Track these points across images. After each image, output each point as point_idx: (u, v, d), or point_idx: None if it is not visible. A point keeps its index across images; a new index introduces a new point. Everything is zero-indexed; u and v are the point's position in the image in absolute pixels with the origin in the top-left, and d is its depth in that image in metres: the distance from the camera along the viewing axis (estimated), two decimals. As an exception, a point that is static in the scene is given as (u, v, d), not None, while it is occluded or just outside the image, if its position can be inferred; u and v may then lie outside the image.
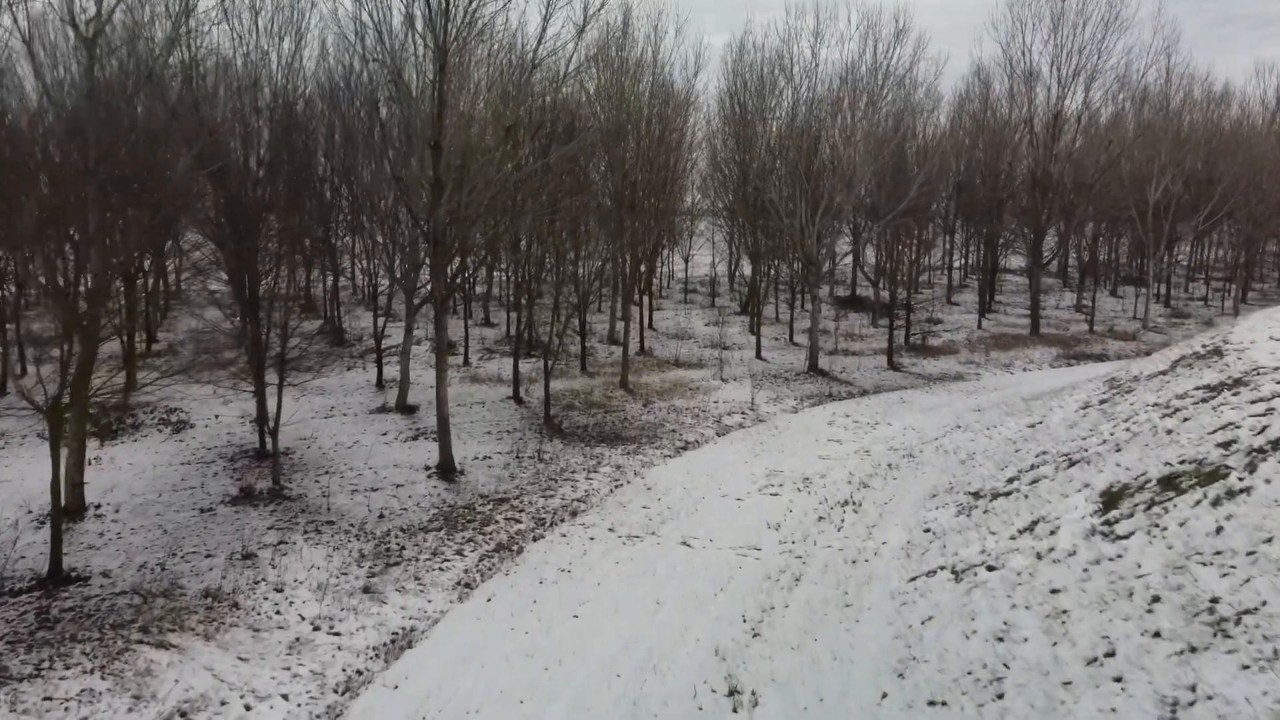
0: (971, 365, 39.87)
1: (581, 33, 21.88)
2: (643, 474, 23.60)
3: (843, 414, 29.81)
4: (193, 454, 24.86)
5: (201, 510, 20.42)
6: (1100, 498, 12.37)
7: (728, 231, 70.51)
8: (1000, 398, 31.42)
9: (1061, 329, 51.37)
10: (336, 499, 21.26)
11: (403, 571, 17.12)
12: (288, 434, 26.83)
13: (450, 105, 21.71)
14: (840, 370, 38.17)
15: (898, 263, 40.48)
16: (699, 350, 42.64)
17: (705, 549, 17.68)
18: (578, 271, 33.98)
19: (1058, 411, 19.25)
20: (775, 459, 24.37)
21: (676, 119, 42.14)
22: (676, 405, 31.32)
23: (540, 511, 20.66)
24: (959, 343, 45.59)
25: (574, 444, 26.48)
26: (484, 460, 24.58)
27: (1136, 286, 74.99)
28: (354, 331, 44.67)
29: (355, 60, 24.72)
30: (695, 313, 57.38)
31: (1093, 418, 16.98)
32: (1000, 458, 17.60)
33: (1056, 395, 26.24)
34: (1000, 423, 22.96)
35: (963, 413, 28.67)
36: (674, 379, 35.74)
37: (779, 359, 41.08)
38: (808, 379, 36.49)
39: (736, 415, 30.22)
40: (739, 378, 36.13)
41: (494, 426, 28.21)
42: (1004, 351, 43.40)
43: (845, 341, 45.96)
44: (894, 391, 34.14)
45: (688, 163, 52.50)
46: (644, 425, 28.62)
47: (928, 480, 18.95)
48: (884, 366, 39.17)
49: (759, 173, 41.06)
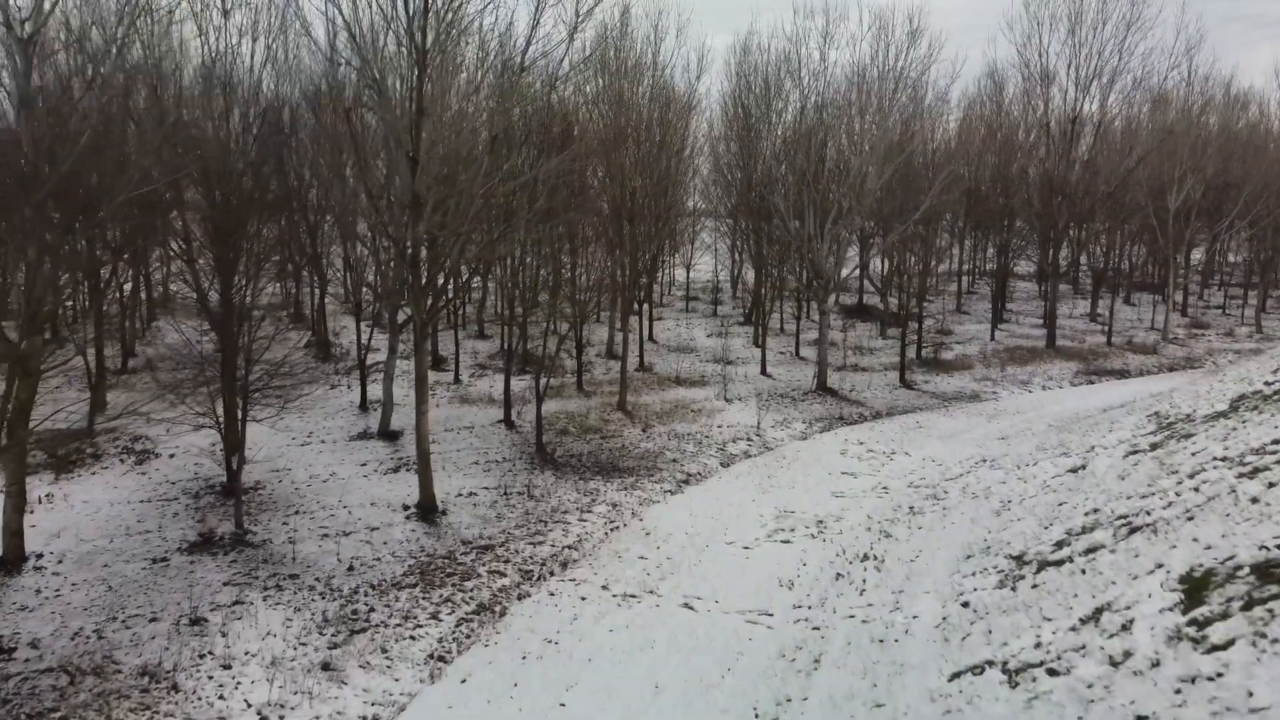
0: (988, 383, 37.93)
1: (573, 34, 19.99)
2: (641, 514, 21.66)
3: (855, 441, 27.88)
4: (154, 489, 22.95)
5: (154, 560, 18.50)
6: (1179, 584, 10.45)
7: (730, 237, 68.69)
8: (1024, 422, 29.48)
9: (1077, 341, 49.42)
10: (304, 546, 19.34)
11: (369, 641, 15.18)
12: (260, 464, 24.95)
13: (430, 114, 19.78)
14: (850, 389, 36.23)
15: (910, 274, 38.51)
16: (701, 365, 40.73)
17: (710, 612, 15.75)
18: (575, 286, 32.08)
19: (1102, 456, 17.35)
20: (785, 496, 22.43)
21: (678, 122, 40.21)
22: (678, 430, 29.39)
23: (527, 562, 18.73)
24: (973, 357, 43.64)
25: (567, 476, 24.56)
26: (469, 497, 22.65)
27: (1149, 293, 73.21)
28: (342, 345, 42.76)
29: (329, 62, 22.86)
30: (697, 323, 55.45)
31: (1147, 468, 15.08)
32: (1042, 511, 15.67)
33: (1092, 427, 24.30)
34: (1032, 459, 21.04)
35: (986, 441, 26.73)
36: (675, 399, 33.81)
37: (785, 375, 39.15)
38: (816, 399, 34.56)
39: (742, 442, 28.29)
40: (743, 398, 34.19)
41: (482, 455, 26.28)
42: (1020, 367, 41.46)
43: (854, 355, 44.04)
44: (908, 414, 32.21)
45: (689, 168, 50.62)
46: (643, 454, 26.69)
47: (958, 533, 17.01)
48: (896, 384, 37.23)
49: (763, 180, 39.15)
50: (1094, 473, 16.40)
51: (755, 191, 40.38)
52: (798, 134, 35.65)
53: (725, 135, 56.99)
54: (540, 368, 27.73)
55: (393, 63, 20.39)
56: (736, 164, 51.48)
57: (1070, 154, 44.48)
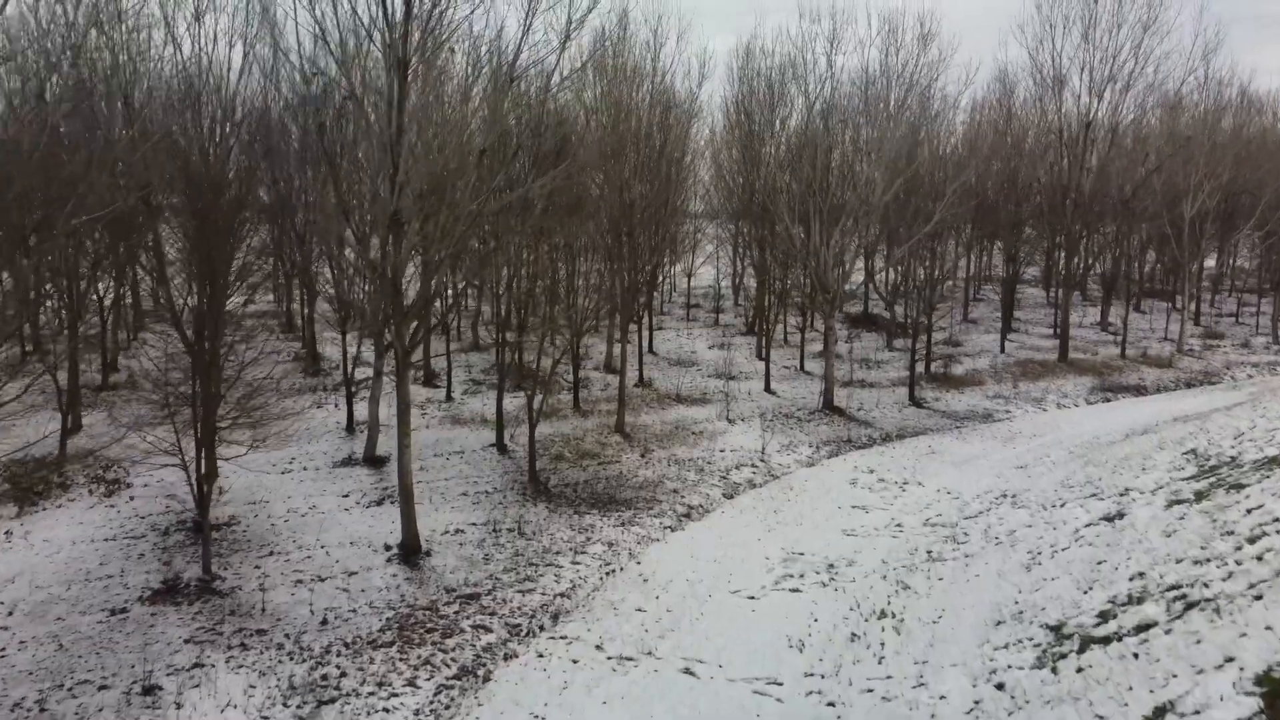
0: (1000, 400, 36.52)
1: (565, 43, 18.57)
2: (639, 555, 20.28)
3: (865, 468, 26.48)
4: (121, 525, 21.57)
5: (112, 612, 17.13)
6: (1256, 687, 9.06)
7: (732, 243, 67.23)
8: (1042, 447, 28.10)
9: (1090, 353, 47.98)
10: (275, 594, 17.96)
11: (338, 714, 13.80)
12: (237, 495, 23.59)
13: (413, 127, 18.37)
14: (858, 407, 34.83)
15: (920, 288, 37.08)
16: (703, 381, 39.32)
17: (713, 679, 14.36)
18: (571, 304, 30.67)
19: (1141, 505, 15.98)
20: (792, 534, 21.04)
21: (678, 128, 38.78)
22: (678, 456, 28.00)
23: (515, 613, 17.34)
24: (983, 371, 42.22)
25: (561, 509, 23.17)
26: (455, 535, 21.26)
27: (1158, 299, 71.73)
28: (332, 359, 41.34)
29: (301, 72, 21.45)
30: (698, 333, 54.02)
31: (1197, 526, 13.71)
32: (1079, 570, 14.29)
33: (1121, 463, 22.86)
34: (1059, 498, 19.65)
35: (1004, 470, 25.35)
36: (675, 419, 32.42)
37: (790, 392, 37.73)
38: (823, 419, 33.16)
39: (746, 469, 26.90)
40: (747, 418, 32.79)
41: (472, 485, 24.89)
42: (1033, 382, 40.05)
43: (860, 370, 42.62)
44: (919, 436, 30.81)
45: (690, 175, 49.19)
46: (641, 483, 25.30)
47: (985, 590, 15.61)
48: (905, 402, 35.82)
49: (767, 188, 37.73)
50: (1134, 525, 15.01)
51: (758, 200, 38.95)
52: (803, 141, 34.26)
53: (727, 140, 55.64)
54: (535, 388, 26.31)
55: (373, 73, 18.99)
56: (739, 169, 50.15)
57: (1084, 161, 43.05)
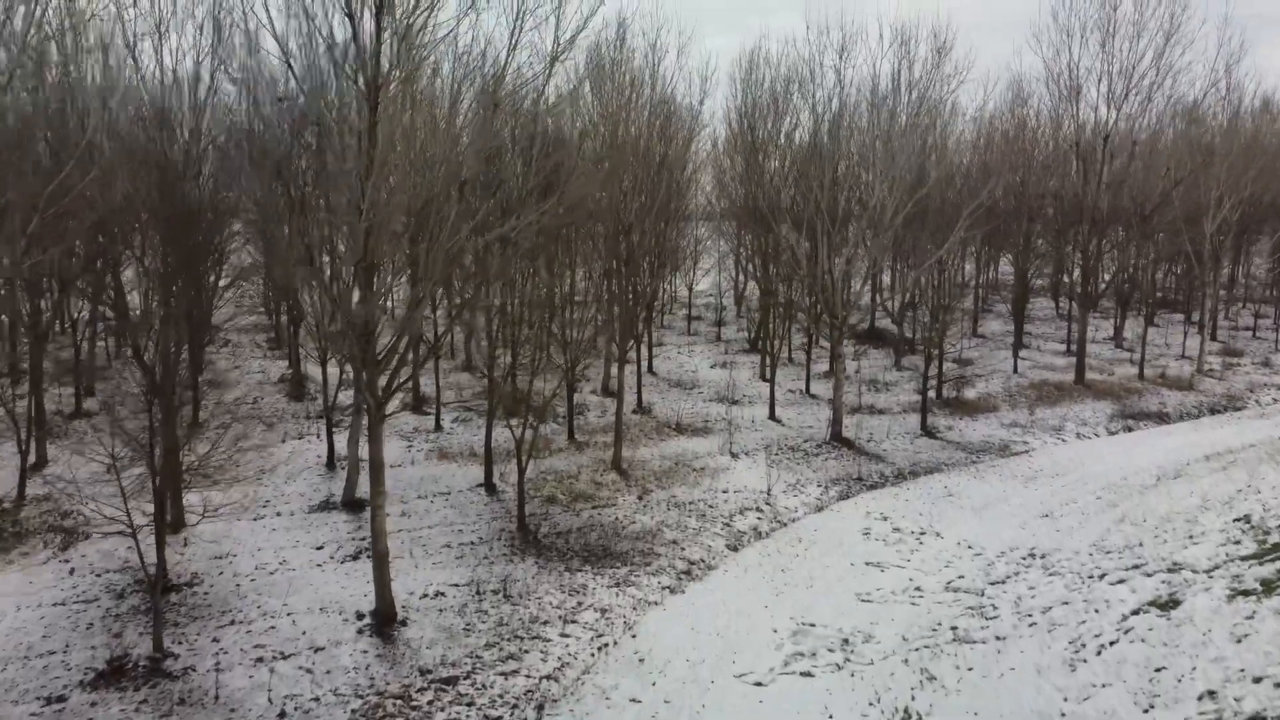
0: (1017, 430, 34.76)
1: (553, 65, 16.85)
2: (635, 625, 18.55)
3: (878, 514, 24.75)
4: (74, 586, 19.86)
5: (49, 701, 15.43)
6: None
7: (734, 253, 65.52)
8: (1066, 490, 26.37)
9: (1105, 372, 46.25)
10: (232, 675, 16.25)
11: (288, 844, 12.11)
12: (202, 548, 21.90)
13: (386, 155, 16.64)
14: (867, 438, 33.08)
15: (932, 312, 35.35)
16: (704, 407, 37.60)
17: (717, 796, 12.64)
18: (566, 340, 28.94)
19: (1198, 592, 14.26)
20: (802, 600, 19.30)
21: (678, 142, 37.05)
22: (678, 497, 26.27)
23: (496, 702, 15.62)
24: (997, 395, 40.48)
25: (551, 564, 21.44)
26: (435, 599, 19.53)
27: (1172, 311, 69.94)
28: (320, 379, 39.63)
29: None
30: (699, 349, 52.34)
31: (1272, 630, 11.99)
32: (1134, 678, 12.58)
33: (1163, 524, 21.08)
34: (1095, 566, 17.92)
35: (1029, 520, 23.61)
36: (676, 453, 30.69)
37: (796, 419, 36.00)
38: (831, 452, 31.41)
39: (751, 513, 25.17)
40: (751, 451, 31.06)
41: (456, 535, 23.16)
42: (1050, 408, 38.30)
43: (868, 393, 40.90)
44: (934, 474, 29.06)
45: (692, 187, 47.52)
46: (639, 532, 23.56)
47: (1022, 690, 13.87)
48: (916, 432, 34.07)
49: (770, 205, 36.01)
50: (1192, 619, 13.31)
51: (761, 216, 37.21)
52: (809, 157, 32.53)
53: (730, 153, 53.98)
54: (524, 427, 24.55)
55: (343, 97, 17.26)
56: (741, 180, 48.48)
57: (1101, 175, 41.30)
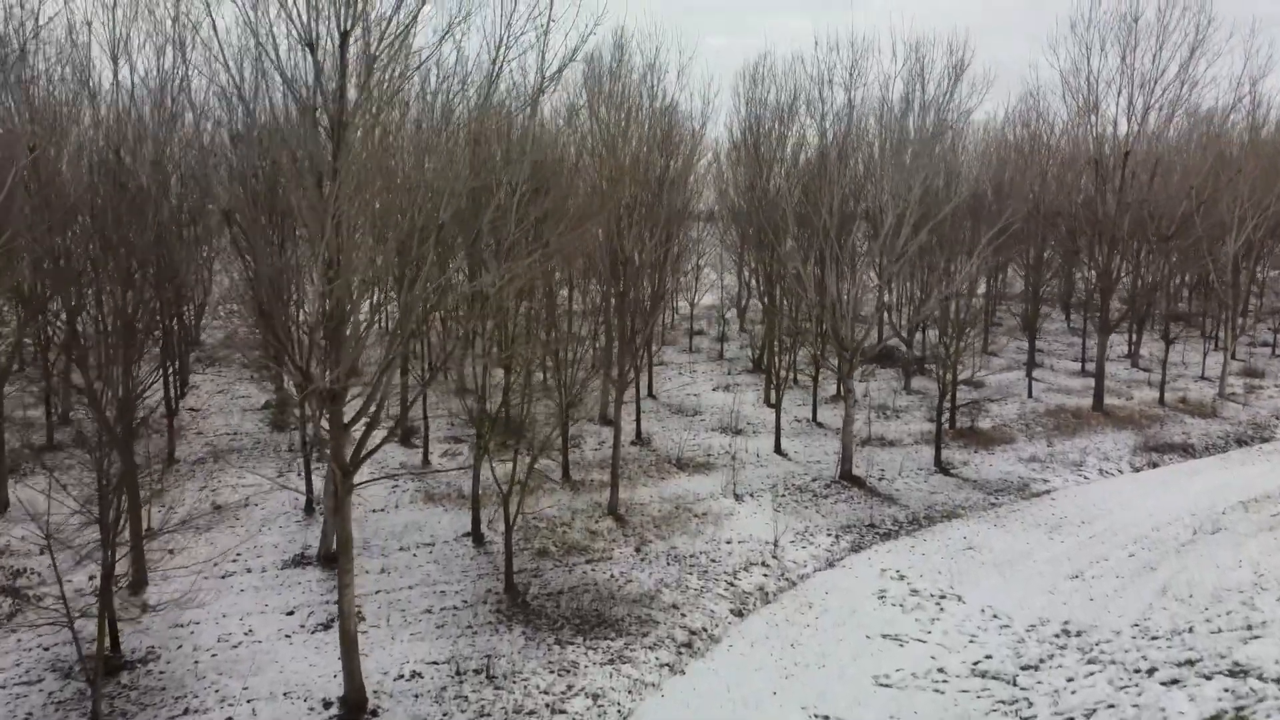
0: (1035, 465, 32.98)
1: (536, 101, 15.13)
2: (629, 713, 16.81)
3: (894, 571, 23.01)
4: (17, 662, 18.15)
5: (-33, 819, 13.75)
6: None
7: (736, 263, 63.88)
8: (1095, 543, 24.63)
9: (1124, 396, 44.49)
10: (179, 785, 14.54)
11: None
12: (163, 615, 20.17)
13: (352, 192, 14.91)
14: (879, 476, 31.34)
15: (948, 346, 33.61)
16: (706, 438, 35.88)
17: None
18: (561, 379, 27.22)
19: (1274, 713, 12.56)
20: (815, 684, 17.54)
21: (677, 158, 35.26)
22: (678, 549, 24.54)
23: (473, 821, 13.90)
24: (1012, 425, 38.73)
25: (540, 635, 19.69)
26: (411, 681, 17.80)
27: (1187, 324, 68.15)
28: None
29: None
30: (701, 369, 50.60)
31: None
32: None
33: (1214, 603, 19.32)
34: (1142, 657, 16.16)
35: (1058, 582, 21.87)
36: (676, 494, 28.95)
37: (803, 452, 34.27)
38: (841, 493, 29.65)
39: (756, 569, 23.43)
40: (756, 492, 29.32)
41: (438, 597, 21.44)
42: (1069, 438, 36.54)
43: (878, 420, 39.18)
44: (952, 520, 27.31)
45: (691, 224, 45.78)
46: (636, 595, 21.81)
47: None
48: (930, 468, 32.31)
49: (775, 228, 34.27)
50: (1270, 751, 11.62)
51: (765, 238, 35.49)
52: (818, 176, 30.78)
53: (733, 161, 52.32)
54: (513, 481, 22.80)
55: (301, 133, 15.50)
56: (743, 193, 46.79)
57: (1121, 194, 39.52)
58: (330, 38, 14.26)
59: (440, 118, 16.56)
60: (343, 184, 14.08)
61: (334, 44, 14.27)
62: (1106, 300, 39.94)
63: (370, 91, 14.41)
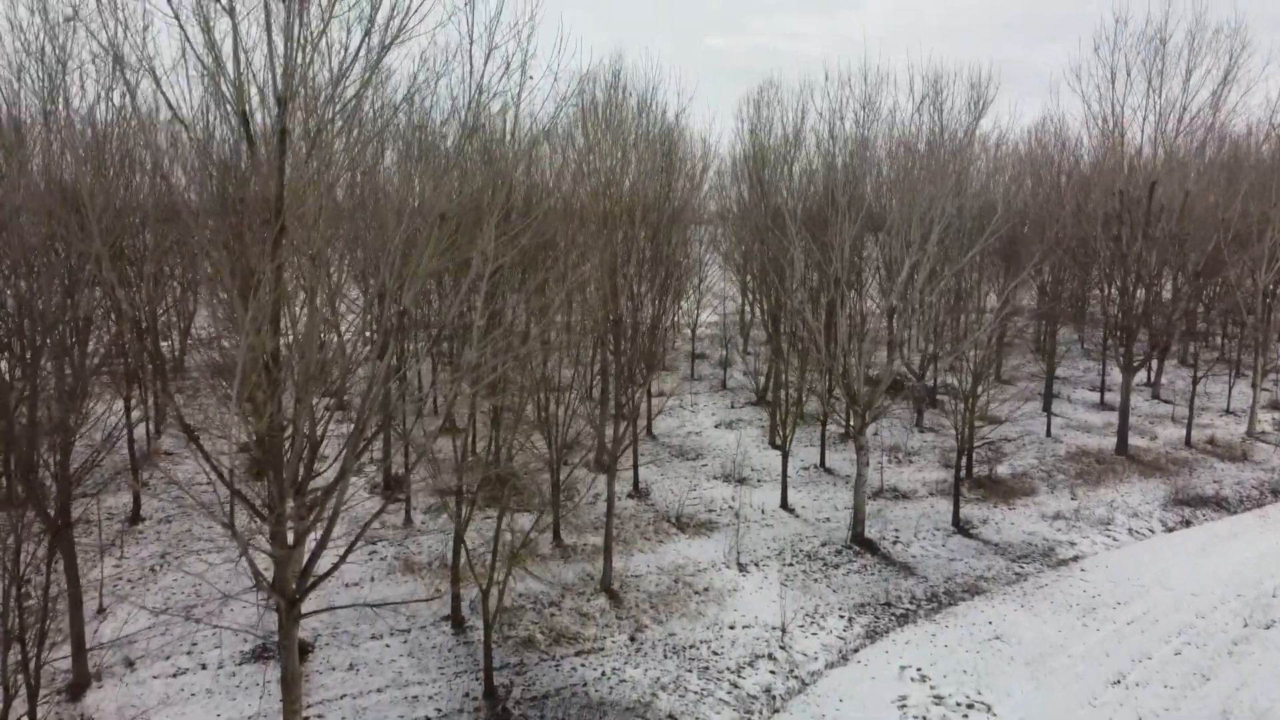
0: (1060, 525, 30.80)
1: (509, 193, 12.98)
2: None
3: (915, 670, 20.88)
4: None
5: None
6: None
7: (739, 295, 61.94)
8: (1137, 633, 22.51)
9: (1147, 434, 42.33)
10: None
11: None
12: (99, 728, 18.13)
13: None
14: (893, 537, 29.22)
15: (966, 397, 31.48)
16: (708, 488, 33.80)
17: None
18: (551, 435, 25.19)
19: None
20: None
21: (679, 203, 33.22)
22: (677, 637, 22.42)
23: None
24: (1032, 471, 36.61)
25: (521, 755, 17.61)
26: (372, 825, 15.71)
27: (1205, 345, 65.97)
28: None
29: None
30: (703, 401, 48.53)
31: None
32: None
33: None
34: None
35: (1098, 689, 19.74)
36: (675, 564, 26.84)
37: (811, 506, 32.16)
38: (853, 560, 27.52)
39: (763, 663, 21.31)
40: (761, 561, 27.20)
41: (409, 705, 19.31)
42: (1093, 489, 34.41)
43: (890, 465, 37.09)
44: (974, 596, 25.16)
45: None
46: (629, 703, 19.67)
47: None
48: (948, 528, 30.17)
49: (780, 271, 32.19)
50: None
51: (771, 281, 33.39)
52: (828, 221, 28.69)
53: (736, 179, 50.38)
54: (491, 577, 20.70)
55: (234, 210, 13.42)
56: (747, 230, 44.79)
57: (1148, 229, 37.36)
58: (266, 110, 12.18)
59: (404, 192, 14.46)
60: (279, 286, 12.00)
61: (269, 116, 12.18)
62: (1131, 340, 37.76)
63: (314, 174, 12.31)
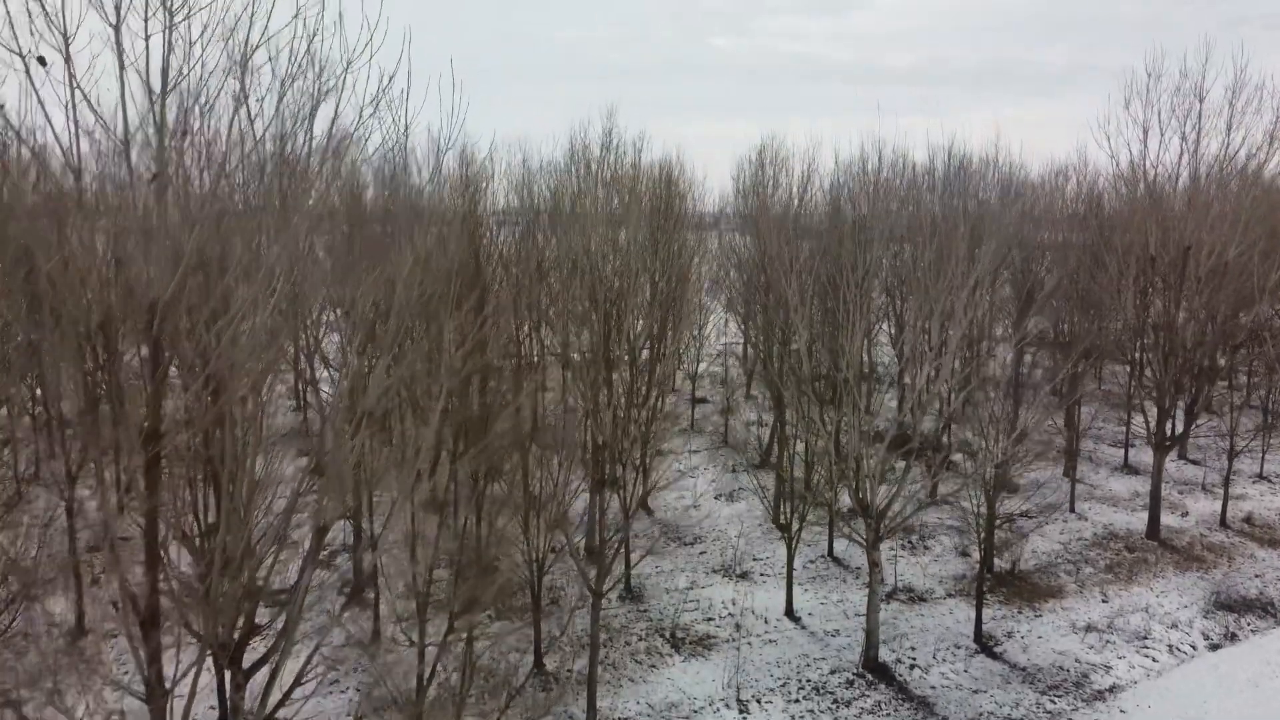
0: (1093, 637, 28.07)
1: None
2: None
3: None
4: None
5: None
6: None
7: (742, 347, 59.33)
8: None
9: (1178, 509, 39.63)
10: None
11: None
12: None
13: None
14: (909, 660, 26.54)
15: (990, 502, 28.85)
16: (707, 585, 31.20)
17: None
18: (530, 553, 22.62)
19: None
20: None
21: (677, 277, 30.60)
22: (668, 815, 19.78)
23: None
24: (1058, 561, 33.94)
25: None
26: None
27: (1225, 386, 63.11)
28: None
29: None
30: (703, 464, 45.83)
31: None
32: None
33: None
34: None
35: None
36: (667, 702, 24.15)
37: (819, 613, 29.49)
38: (865, 694, 24.83)
39: None
40: (764, 696, 24.52)
41: None
42: (1124, 588, 31.69)
43: (903, 552, 34.46)
44: (1002, 750, 22.47)
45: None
46: None
47: None
48: (971, 645, 27.46)
49: (784, 369, 29.55)
50: None
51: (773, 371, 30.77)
52: (838, 320, 26.08)
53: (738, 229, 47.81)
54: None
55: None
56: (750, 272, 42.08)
57: (1180, 294, 34.63)
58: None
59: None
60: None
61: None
62: (1164, 419, 35.02)
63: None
